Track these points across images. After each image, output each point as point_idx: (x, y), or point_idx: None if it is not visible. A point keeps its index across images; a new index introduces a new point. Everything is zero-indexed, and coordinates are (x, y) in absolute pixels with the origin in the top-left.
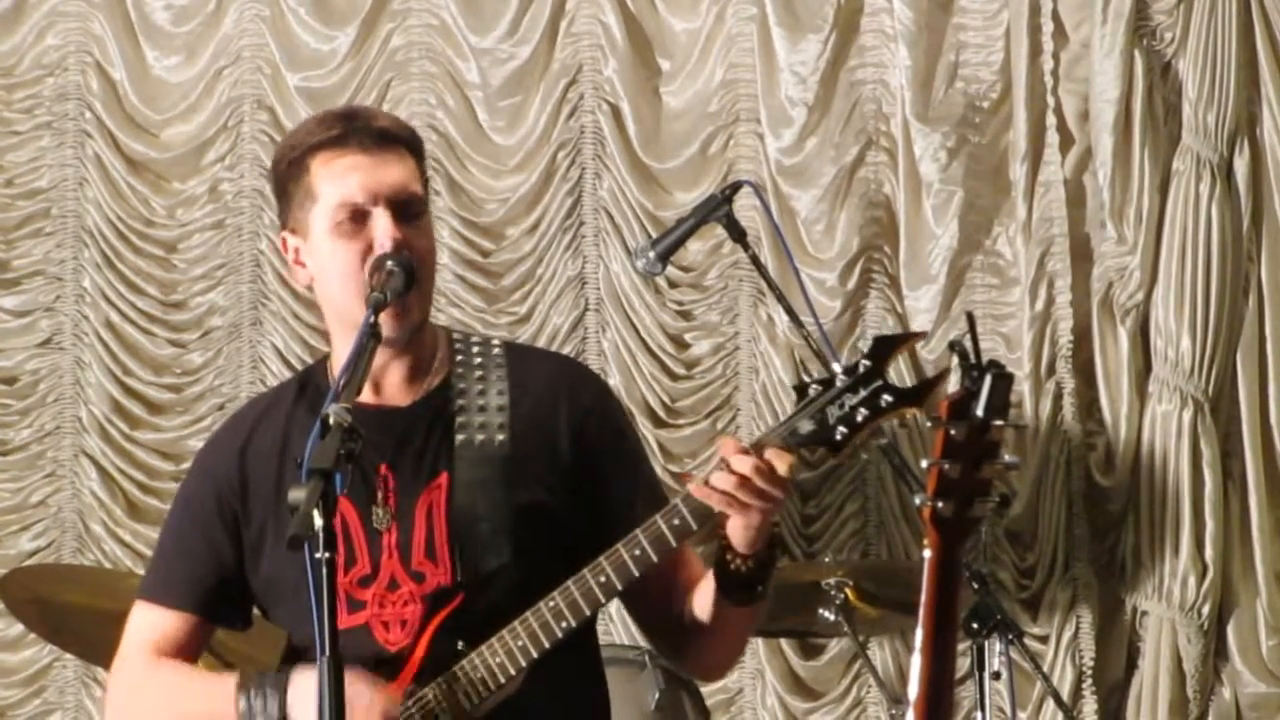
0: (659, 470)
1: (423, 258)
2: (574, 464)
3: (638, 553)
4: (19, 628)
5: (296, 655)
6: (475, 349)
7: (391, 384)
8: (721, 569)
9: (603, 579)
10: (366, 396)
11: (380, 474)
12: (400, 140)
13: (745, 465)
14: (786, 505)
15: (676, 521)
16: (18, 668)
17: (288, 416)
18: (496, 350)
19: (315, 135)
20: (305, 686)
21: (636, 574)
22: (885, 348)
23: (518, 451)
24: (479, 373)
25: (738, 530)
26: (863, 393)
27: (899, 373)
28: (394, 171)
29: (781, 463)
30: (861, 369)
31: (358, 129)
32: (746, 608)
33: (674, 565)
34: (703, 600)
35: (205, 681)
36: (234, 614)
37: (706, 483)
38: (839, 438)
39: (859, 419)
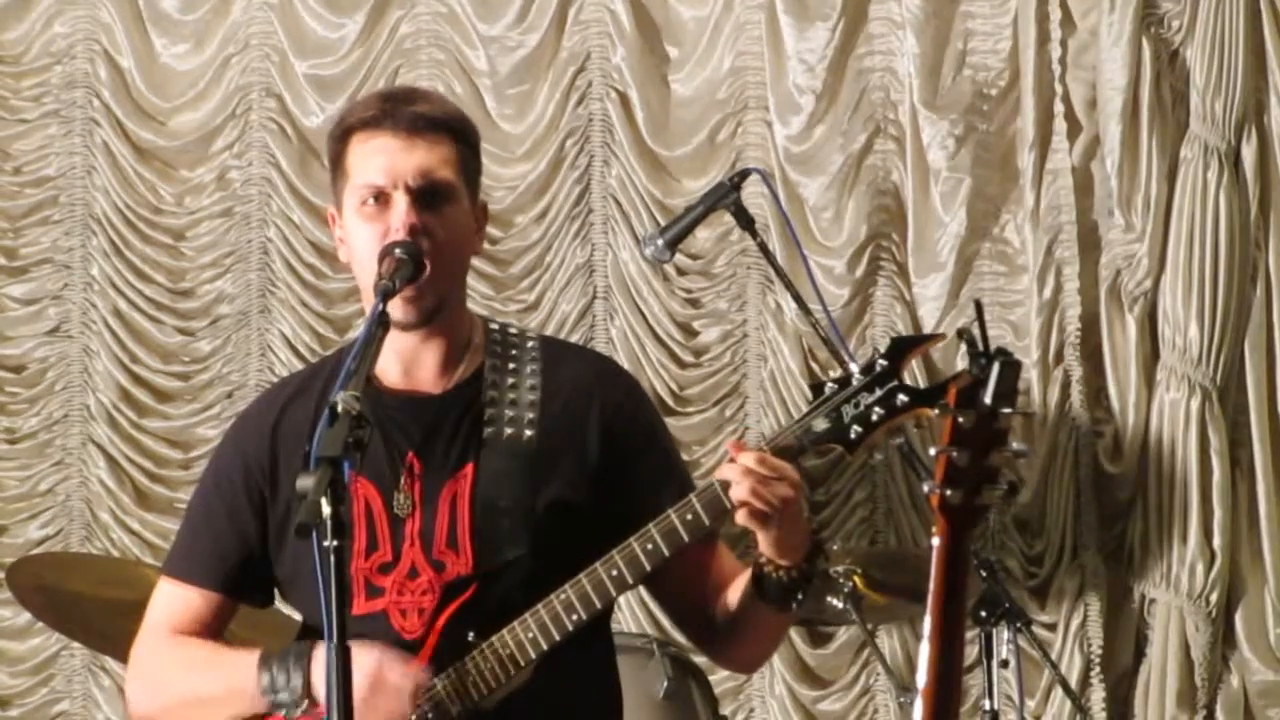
0: None
1: (439, 245)
2: (603, 463)
3: (650, 546)
4: (26, 616)
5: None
6: (511, 341)
7: (424, 370)
8: (759, 575)
9: (614, 572)
10: (398, 382)
11: (407, 461)
12: (439, 126)
13: (749, 458)
14: None
15: (689, 515)
16: (25, 656)
17: (320, 395)
18: (531, 344)
19: (355, 114)
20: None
21: (649, 568)
22: (903, 348)
23: (545, 447)
24: (512, 365)
25: (764, 541)
26: (878, 392)
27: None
28: (420, 156)
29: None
30: (878, 368)
31: (393, 112)
32: (783, 614)
33: (708, 562)
34: (737, 600)
35: (226, 655)
36: (257, 592)
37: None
38: (854, 436)
39: (874, 418)
